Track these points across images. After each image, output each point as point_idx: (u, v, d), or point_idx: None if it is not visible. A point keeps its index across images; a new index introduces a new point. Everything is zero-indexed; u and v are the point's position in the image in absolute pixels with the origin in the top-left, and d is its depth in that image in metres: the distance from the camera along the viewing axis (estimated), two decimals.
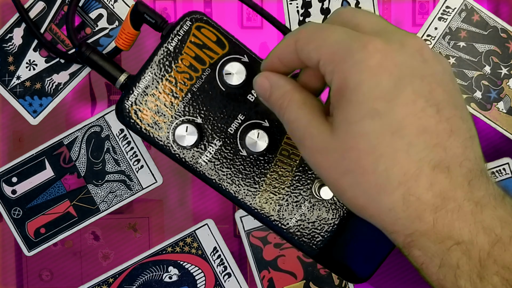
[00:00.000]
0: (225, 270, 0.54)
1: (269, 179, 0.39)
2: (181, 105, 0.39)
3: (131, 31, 0.44)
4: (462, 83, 0.55)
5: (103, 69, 0.43)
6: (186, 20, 0.39)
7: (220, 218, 0.61)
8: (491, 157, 0.55)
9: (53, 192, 0.54)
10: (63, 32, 0.53)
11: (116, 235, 0.67)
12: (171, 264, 0.54)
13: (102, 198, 0.54)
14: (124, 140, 0.54)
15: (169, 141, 0.39)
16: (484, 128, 0.56)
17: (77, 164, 0.54)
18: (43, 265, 0.68)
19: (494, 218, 0.26)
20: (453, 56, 0.55)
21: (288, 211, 0.39)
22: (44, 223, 0.54)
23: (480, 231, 0.26)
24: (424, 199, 0.26)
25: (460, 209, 0.26)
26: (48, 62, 0.54)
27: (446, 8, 0.55)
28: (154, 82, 0.39)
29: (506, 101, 0.55)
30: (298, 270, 0.54)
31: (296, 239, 0.39)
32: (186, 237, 0.54)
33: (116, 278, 0.54)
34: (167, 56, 0.39)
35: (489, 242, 0.25)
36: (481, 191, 0.26)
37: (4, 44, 0.54)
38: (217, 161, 0.39)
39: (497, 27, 0.55)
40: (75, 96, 0.58)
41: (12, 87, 0.54)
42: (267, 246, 0.54)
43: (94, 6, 0.53)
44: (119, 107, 0.39)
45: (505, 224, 0.26)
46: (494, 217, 0.26)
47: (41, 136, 0.56)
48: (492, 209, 0.26)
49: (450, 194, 0.26)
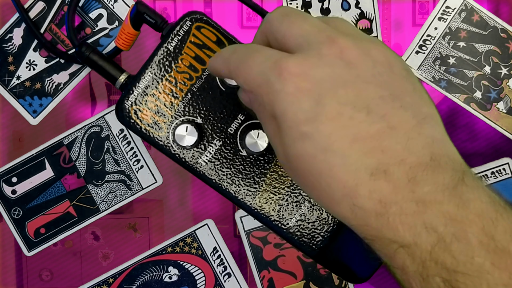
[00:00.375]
0: (225, 270, 0.54)
1: (269, 179, 0.39)
2: (181, 105, 0.39)
3: (131, 31, 0.44)
4: (462, 83, 0.55)
5: (103, 69, 0.43)
6: (186, 20, 0.39)
7: (220, 218, 0.61)
8: (491, 157, 0.55)
9: (53, 192, 0.54)
10: (63, 32, 0.53)
11: (116, 235, 0.67)
12: (171, 264, 0.54)
13: (102, 198, 0.54)
14: (124, 140, 0.54)
15: (169, 141, 0.39)
16: (484, 128, 0.56)
17: (77, 164, 0.54)
18: (43, 265, 0.68)
19: (439, 216, 0.25)
20: (453, 56, 0.55)
21: (288, 211, 0.39)
22: (44, 223, 0.54)
23: (423, 232, 0.25)
24: (366, 208, 0.26)
25: (402, 212, 0.25)
26: (48, 62, 0.54)
27: (446, 8, 0.55)
28: (154, 82, 0.39)
29: (506, 101, 0.55)
30: (298, 270, 0.54)
31: (296, 239, 0.39)
32: (186, 237, 0.54)
33: (116, 278, 0.54)
34: (167, 56, 0.39)
35: (430, 242, 0.25)
36: (427, 186, 0.25)
37: (4, 44, 0.54)
38: (217, 161, 0.39)
39: (497, 27, 0.55)
40: (75, 96, 0.58)
41: (12, 87, 0.54)
42: (267, 246, 0.54)
43: (94, 6, 0.53)
44: (119, 107, 0.39)
45: (449, 221, 0.24)
46: (439, 214, 0.25)
47: (41, 136, 0.56)
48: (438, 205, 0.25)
49: (391, 198, 0.25)
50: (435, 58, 0.55)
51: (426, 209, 0.25)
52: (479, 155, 0.60)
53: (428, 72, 0.55)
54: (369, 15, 0.56)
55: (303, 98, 0.27)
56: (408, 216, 0.25)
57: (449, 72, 0.55)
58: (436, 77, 0.55)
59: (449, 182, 0.25)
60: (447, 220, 0.25)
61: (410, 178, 0.25)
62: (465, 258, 0.24)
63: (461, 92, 0.55)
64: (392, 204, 0.25)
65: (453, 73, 0.55)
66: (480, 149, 0.59)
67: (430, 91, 0.58)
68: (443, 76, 0.55)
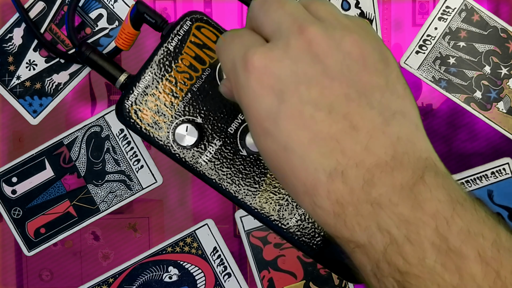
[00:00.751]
0: (225, 270, 0.54)
1: (269, 178, 0.39)
2: (181, 105, 0.39)
3: (131, 31, 0.44)
4: (462, 83, 0.55)
5: (103, 69, 0.43)
6: (186, 20, 0.39)
7: (220, 218, 0.61)
8: (491, 157, 0.55)
9: (53, 192, 0.54)
10: (63, 32, 0.53)
11: (116, 235, 0.66)
12: (171, 264, 0.54)
13: (102, 198, 0.54)
14: (124, 140, 0.54)
15: (169, 141, 0.39)
16: (484, 128, 0.56)
17: (77, 164, 0.54)
18: (43, 265, 0.68)
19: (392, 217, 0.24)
20: (453, 56, 0.55)
21: (288, 210, 0.39)
22: (44, 223, 0.54)
23: (376, 233, 0.25)
24: (325, 208, 0.26)
25: (358, 213, 0.25)
26: (48, 62, 0.54)
27: (446, 8, 0.55)
28: (154, 82, 0.39)
29: (506, 101, 0.55)
30: (298, 270, 0.54)
31: (296, 239, 0.39)
32: (186, 237, 0.54)
33: (116, 278, 0.54)
34: (167, 56, 0.39)
35: (383, 243, 0.24)
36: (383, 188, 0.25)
37: (4, 44, 0.54)
38: (217, 161, 0.39)
39: (497, 27, 0.55)
40: (75, 96, 0.58)
41: (12, 87, 0.54)
42: (267, 246, 0.54)
43: (94, 6, 0.53)
44: (119, 107, 0.39)
45: (402, 222, 0.24)
46: (392, 216, 0.24)
47: (41, 136, 0.56)
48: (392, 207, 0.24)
49: (347, 200, 0.25)
50: (435, 58, 0.55)
51: (380, 210, 0.25)
52: (479, 155, 0.60)
53: (428, 72, 0.55)
54: (369, 15, 0.56)
55: (265, 94, 0.26)
56: (363, 217, 0.25)
57: (449, 72, 0.55)
58: (436, 77, 0.55)
59: (407, 181, 0.25)
60: (401, 222, 0.24)
61: (367, 179, 0.25)
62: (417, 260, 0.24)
63: (461, 92, 0.55)
64: (348, 205, 0.25)
65: (453, 73, 0.55)
66: (480, 149, 0.59)
67: (430, 91, 0.58)
68: (443, 76, 0.55)
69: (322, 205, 0.26)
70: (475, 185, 0.54)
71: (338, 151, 0.25)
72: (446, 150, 0.58)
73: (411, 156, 0.26)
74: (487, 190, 0.54)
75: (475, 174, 0.54)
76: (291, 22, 0.27)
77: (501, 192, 0.54)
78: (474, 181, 0.54)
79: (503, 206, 0.54)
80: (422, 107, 0.59)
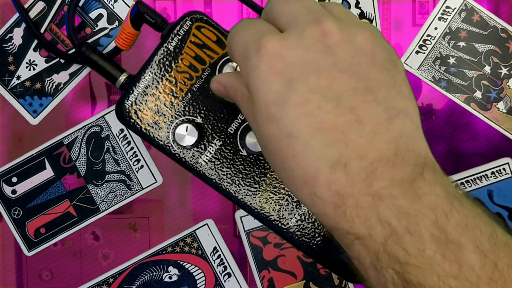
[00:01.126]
0: (225, 270, 0.54)
1: (269, 178, 0.39)
2: (181, 105, 0.39)
3: (131, 31, 0.44)
4: (462, 83, 0.55)
5: (103, 69, 0.43)
6: (186, 20, 0.39)
7: (220, 218, 0.60)
8: (491, 157, 0.55)
9: (53, 192, 0.54)
10: (63, 32, 0.53)
11: (116, 235, 0.66)
12: (171, 264, 0.54)
13: (102, 198, 0.54)
14: (124, 140, 0.54)
15: (169, 141, 0.39)
16: (484, 128, 0.56)
17: (77, 164, 0.54)
18: (43, 265, 0.68)
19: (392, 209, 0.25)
20: (453, 56, 0.55)
21: (288, 210, 0.39)
22: (44, 223, 0.54)
23: (376, 225, 0.25)
24: (325, 198, 0.26)
25: (358, 205, 0.25)
26: (48, 62, 0.54)
27: (446, 8, 0.55)
28: (154, 82, 0.39)
29: (506, 101, 0.55)
30: (298, 270, 0.54)
31: (296, 239, 0.39)
32: (186, 237, 0.54)
33: (116, 278, 0.54)
34: (167, 56, 0.39)
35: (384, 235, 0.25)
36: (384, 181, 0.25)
37: (4, 44, 0.54)
38: (217, 161, 0.39)
39: (497, 27, 0.55)
40: (75, 96, 0.58)
41: (12, 87, 0.54)
42: (267, 246, 0.54)
43: (94, 6, 0.53)
44: (119, 107, 0.39)
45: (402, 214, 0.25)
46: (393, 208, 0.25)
47: (41, 136, 0.56)
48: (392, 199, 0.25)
49: (348, 191, 0.25)
50: (435, 58, 0.55)
51: (381, 203, 0.25)
52: (479, 155, 0.60)
53: (428, 72, 0.55)
54: (369, 15, 0.56)
55: (274, 79, 0.27)
56: (363, 209, 0.25)
57: (449, 72, 0.55)
58: (436, 77, 0.55)
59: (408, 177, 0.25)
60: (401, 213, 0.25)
61: (369, 172, 0.25)
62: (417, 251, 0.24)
63: (461, 92, 0.55)
64: (349, 197, 0.25)
65: (453, 73, 0.55)
66: (480, 149, 0.59)
67: (430, 91, 0.58)
68: (443, 76, 0.55)
69: (322, 195, 0.26)
70: (475, 185, 0.54)
71: (342, 142, 0.26)
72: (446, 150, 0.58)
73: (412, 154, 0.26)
74: (487, 190, 0.54)
75: (475, 174, 0.54)
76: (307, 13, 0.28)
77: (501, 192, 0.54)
78: (474, 181, 0.54)
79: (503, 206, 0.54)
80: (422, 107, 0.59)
